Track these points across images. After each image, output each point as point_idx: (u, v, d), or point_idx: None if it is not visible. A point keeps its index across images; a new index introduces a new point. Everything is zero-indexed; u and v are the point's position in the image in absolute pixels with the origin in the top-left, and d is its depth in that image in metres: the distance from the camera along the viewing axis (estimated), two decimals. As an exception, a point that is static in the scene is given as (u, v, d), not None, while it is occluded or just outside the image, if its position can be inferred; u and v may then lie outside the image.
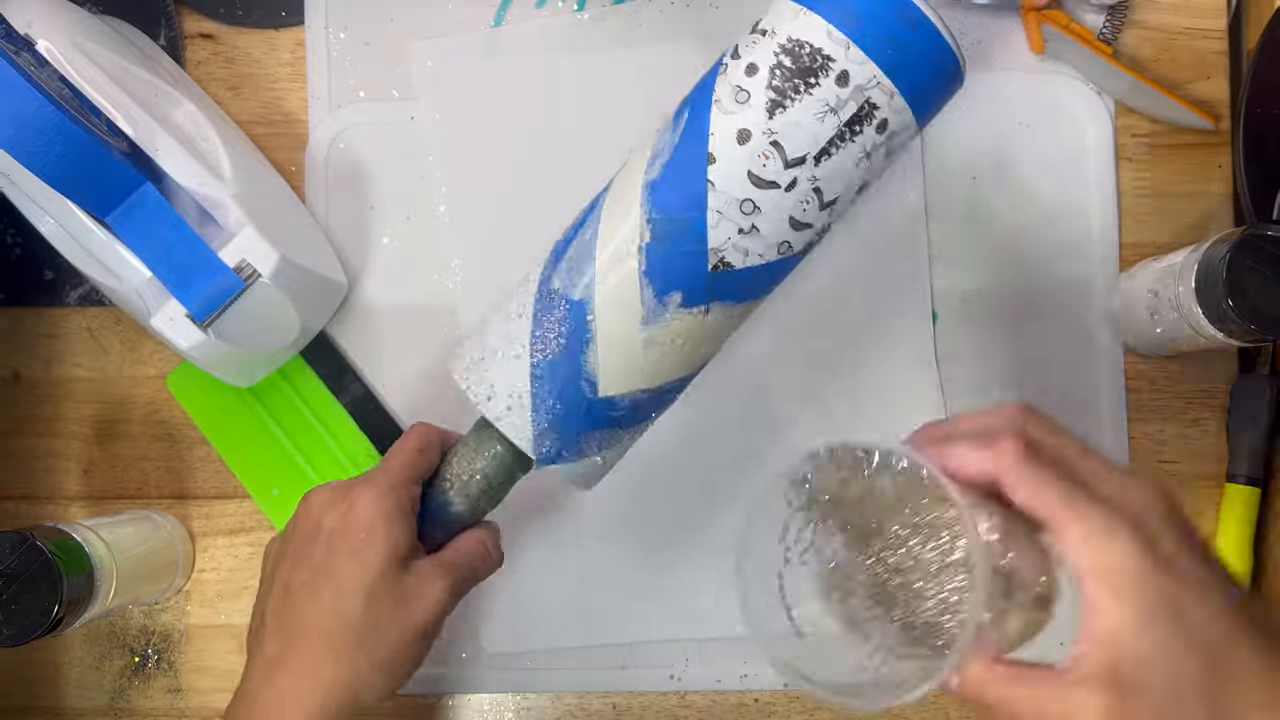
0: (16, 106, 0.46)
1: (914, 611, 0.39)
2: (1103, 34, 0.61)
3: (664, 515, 0.61)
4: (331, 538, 0.46)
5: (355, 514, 0.46)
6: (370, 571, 0.45)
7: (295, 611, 0.46)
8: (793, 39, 0.45)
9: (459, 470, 0.49)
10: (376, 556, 0.45)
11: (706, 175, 0.45)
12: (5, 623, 0.51)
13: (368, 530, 0.45)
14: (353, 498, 0.46)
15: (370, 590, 0.45)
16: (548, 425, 0.46)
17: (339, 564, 0.45)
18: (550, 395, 0.46)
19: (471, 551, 0.49)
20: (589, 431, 0.46)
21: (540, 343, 0.46)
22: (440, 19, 0.64)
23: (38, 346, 0.64)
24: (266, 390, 0.62)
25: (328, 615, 0.45)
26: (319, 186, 0.63)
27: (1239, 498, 0.60)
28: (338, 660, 0.45)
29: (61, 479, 0.64)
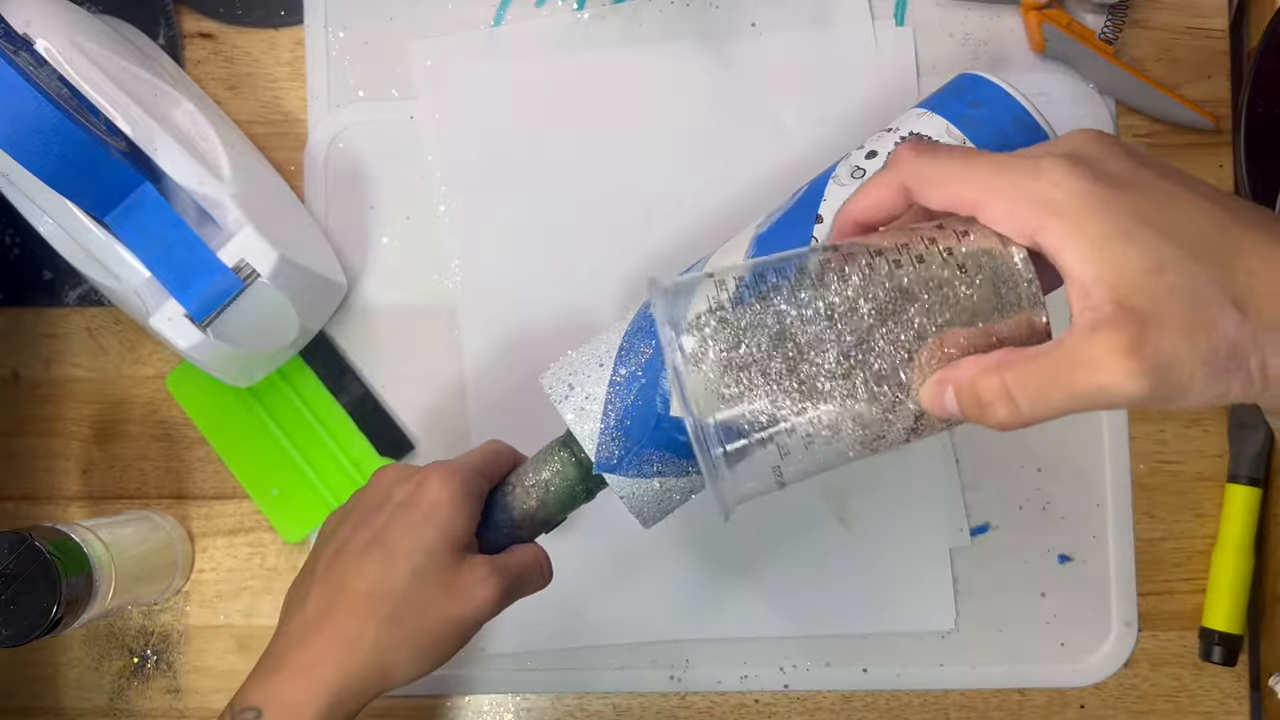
0: (15, 106, 0.46)
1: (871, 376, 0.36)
2: (1104, 33, 0.61)
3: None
4: (396, 509, 0.46)
5: (424, 491, 0.46)
6: (423, 547, 0.45)
7: (343, 572, 0.46)
8: (913, 132, 0.51)
9: (523, 480, 0.49)
10: (434, 534, 0.45)
11: (811, 230, 0.50)
12: (4, 623, 0.51)
13: (431, 507, 0.46)
14: (424, 475, 0.47)
15: (418, 567, 0.45)
16: (614, 429, 0.46)
17: (396, 533, 0.46)
18: (622, 403, 0.46)
19: (527, 563, 0.49)
20: (652, 448, 0.46)
21: (625, 355, 0.47)
22: (440, 18, 0.64)
23: (37, 346, 0.64)
24: (266, 390, 0.62)
25: (372, 580, 0.45)
26: (318, 186, 0.63)
27: (1240, 498, 0.60)
28: (375, 628, 0.44)
29: (60, 479, 0.64)
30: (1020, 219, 0.34)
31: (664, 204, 0.62)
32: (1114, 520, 0.61)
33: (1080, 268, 0.32)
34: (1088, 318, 0.32)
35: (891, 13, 0.62)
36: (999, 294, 0.35)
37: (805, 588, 0.61)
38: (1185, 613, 0.61)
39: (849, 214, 0.39)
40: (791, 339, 0.36)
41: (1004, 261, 0.35)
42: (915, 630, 0.61)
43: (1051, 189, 0.33)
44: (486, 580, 0.46)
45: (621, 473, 0.46)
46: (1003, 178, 0.34)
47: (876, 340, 0.35)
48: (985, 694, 0.61)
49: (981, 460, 0.61)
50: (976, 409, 0.34)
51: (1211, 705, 0.61)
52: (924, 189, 0.36)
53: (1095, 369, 0.32)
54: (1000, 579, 0.61)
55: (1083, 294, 0.32)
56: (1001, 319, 0.36)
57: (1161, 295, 0.31)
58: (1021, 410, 0.34)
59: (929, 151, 0.36)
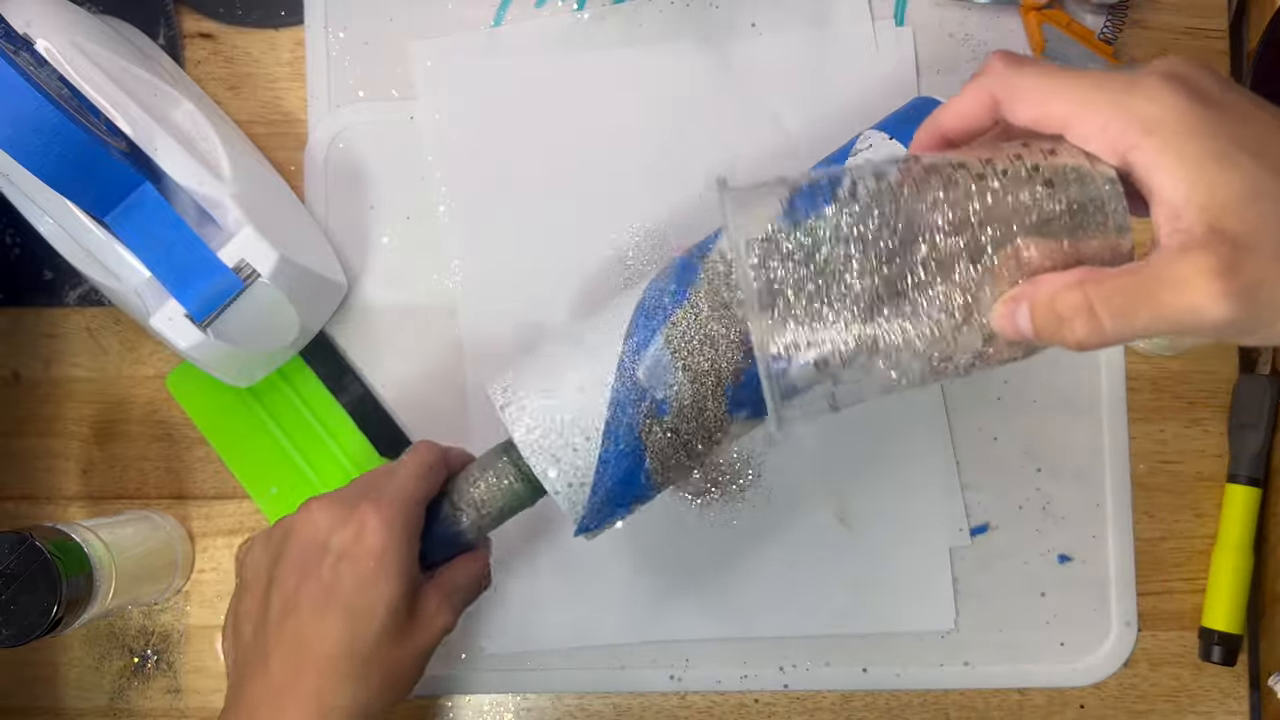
0: (15, 106, 0.46)
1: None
2: (1103, 34, 0.61)
3: (664, 516, 0.61)
4: (340, 561, 0.45)
5: (365, 540, 0.45)
6: (382, 604, 0.45)
7: (302, 633, 0.45)
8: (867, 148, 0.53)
9: (470, 495, 0.49)
10: (389, 589, 0.45)
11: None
12: (4, 623, 0.51)
13: (379, 559, 0.45)
14: (361, 519, 0.46)
15: (381, 627, 0.45)
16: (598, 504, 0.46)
17: (349, 591, 0.45)
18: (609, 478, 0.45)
19: (472, 575, 0.50)
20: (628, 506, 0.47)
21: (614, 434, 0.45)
22: (440, 19, 0.64)
23: (37, 346, 0.64)
24: (266, 390, 0.62)
25: (335, 641, 0.45)
26: (318, 186, 0.63)
27: (1240, 498, 0.60)
28: (350, 684, 0.45)
29: (61, 479, 0.64)
30: (1112, 136, 0.33)
31: (664, 203, 0.62)
32: (1114, 520, 0.61)
33: (1173, 188, 0.31)
34: (1177, 239, 0.31)
35: (891, 13, 0.62)
36: (1085, 214, 0.34)
37: (805, 588, 0.61)
38: (1185, 612, 0.61)
39: (934, 126, 0.37)
40: (862, 251, 0.34)
41: (1092, 181, 0.34)
42: (915, 630, 0.61)
43: (1147, 104, 0.32)
44: (441, 610, 0.48)
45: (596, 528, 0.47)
46: (1097, 93, 0.33)
47: (952, 255, 0.34)
48: (985, 694, 0.61)
49: (981, 460, 0.61)
50: (1054, 325, 0.33)
51: (1211, 705, 0.61)
52: (1013, 100, 0.35)
53: (1184, 289, 0.31)
54: (1000, 579, 0.61)
55: (1173, 215, 0.31)
56: (1085, 240, 0.34)
57: (1256, 221, 0.31)
58: (1104, 326, 0.32)
59: (1020, 63, 0.35)
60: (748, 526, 0.61)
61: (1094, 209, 0.34)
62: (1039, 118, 0.34)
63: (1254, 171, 0.31)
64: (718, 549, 0.61)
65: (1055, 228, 0.34)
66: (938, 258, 0.34)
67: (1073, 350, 0.33)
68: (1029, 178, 0.34)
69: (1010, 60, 0.35)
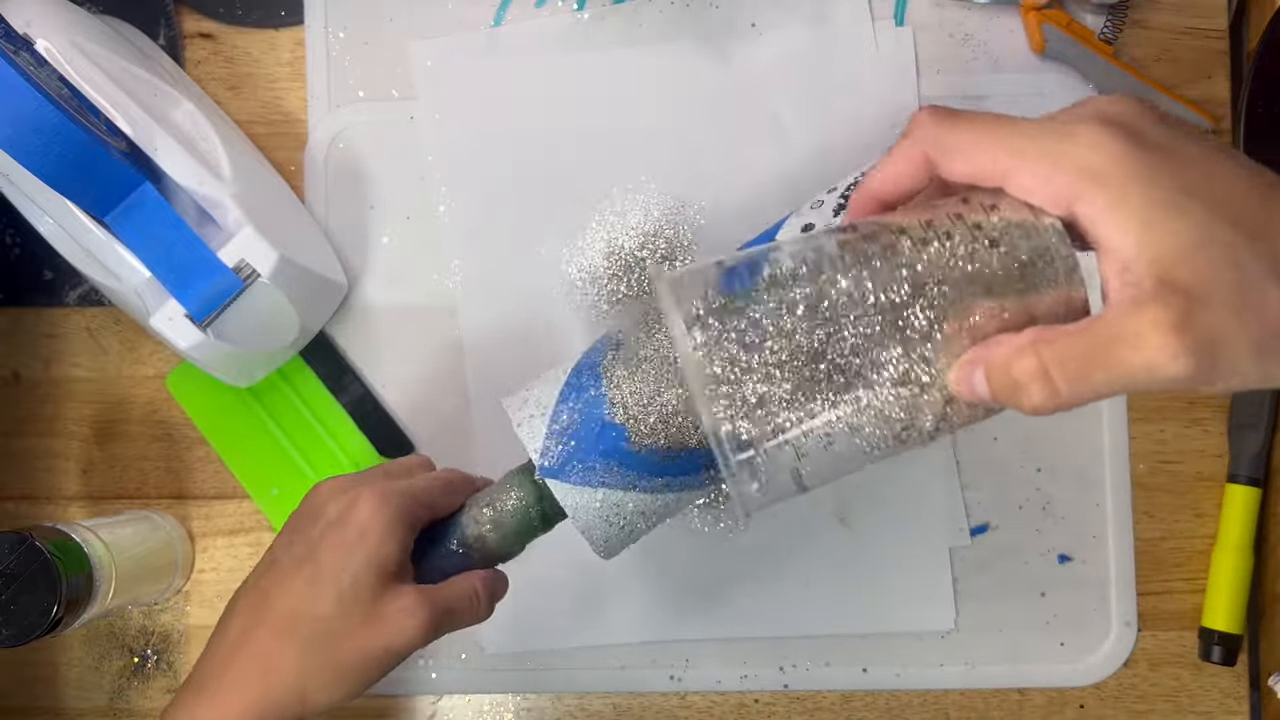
0: (15, 106, 0.46)
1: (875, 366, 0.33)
2: (1103, 34, 0.61)
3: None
4: (328, 527, 0.45)
5: (355, 511, 0.45)
6: (349, 572, 0.44)
7: (270, 588, 0.45)
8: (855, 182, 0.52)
9: (476, 507, 0.48)
10: (360, 559, 0.44)
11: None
12: (4, 623, 0.51)
13: (361, 531, 0.44)
14: (357, 494, 0.45)
15: (342, 592, 0.43)
16: (558, 434, 0.46)
17: (325, 553, 0.44)
18: (569, 412, 0.46)
19: (461, 596, 0.47)
20: (596, 456, 0.46)
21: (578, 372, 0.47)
22: (440, 19, 0.64)
23: (37, 346, 0.64)
24: (266, 390, 0.62)
25: (297, 599, 0.44)
26: (318, 186, 0.63)
27: (1239, 498, 0.60)
28: (295, 652, 0.43)
29: (61, 479, 0.64)
30: (1055, 187, 0.32)
31: (664, 203, 0.62)
32: (1114, 520, 0.61)
33: (1120, 239, 0.30)
34: (1128, 294, 0.30)
35: (891, 13, 0.62)
36: (1034, 269, 0.33)
37: (805, 588, 0.61)
38: (1185, 612, 0.61)
39: (866, 191, 0.37)
40: (809, 327, 0.33)
41: (1038, 234, 0.33)
42: (915, 630, 0.61)
43: (1089, 154, 0.31)
44: (412, 612, 0.44)
45: (564, 479, 0.46)
46: (1034, 143, 0.32)
47: (901, 324, 0.33)
48: (985, 694, 0.61)
49: (981, 460, 0.61)
50: (1010, 391, 0.32)
51: (1211, 705, 0.61)
52: (946, 157, 0.34)
53: (1139, 346, 0.30)
54: (1000, 579, 0.61)
55: (1121, 269, 0.31)
56: (1038, 295, 0.33)
57: (1208, 271, 0.30)
58: (1059, 391, 0.31)
59: (950, 117, 0.34)
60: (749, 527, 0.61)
61: (1043, 264, 0.33)
62: (976, 173, 0.33)
63: (1202, 218, 0.30)
64: (718, 549, 0.61)
65: (1005, 286, 0.33)
66: (885, 328, 0.33)
67: (1028, 414, 0.33)
68: (973, 237, 0.33)
69: (939, 116, 0.34)
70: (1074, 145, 0.32)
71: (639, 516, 0.47)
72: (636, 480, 0.46)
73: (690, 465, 0.46)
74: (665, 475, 0.46)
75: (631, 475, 0.46)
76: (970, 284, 0.33)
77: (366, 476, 0.48)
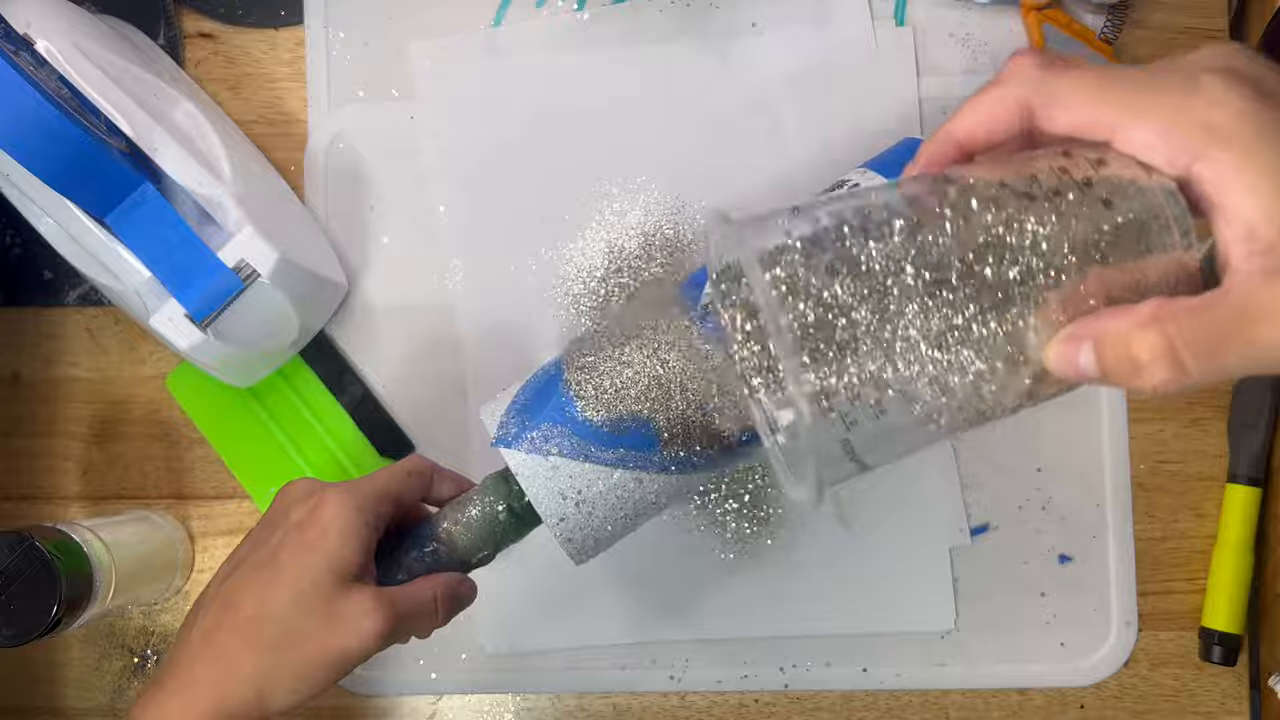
0: (16, 106, 0.46)
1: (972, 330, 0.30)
2: (1104, 33, 0.61)
3: (663, 516, 0.61)
4: (290, 529, 0.45)
5: (317, 513, 0.45)
6: (307, 574, 0.43)
7: (232, 591, 0.45)
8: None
9: (446, 511, 0.48)
10: (319, 561, 0.44)
11: None
12: (4, 623, 0.51)
13: (321, 532, 0.44)
14: (321, 496, 0.45)
15: (301, 593, 0.43)
16: (517, 410, 0.47)
17: (284, 555, 0.44)
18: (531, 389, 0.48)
19: (420, 600, 0.46)
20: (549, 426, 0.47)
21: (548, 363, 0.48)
22: (440, 19, 0.64)
23: (37, 346, 0.64)
24: (266, 390, 0.62)
25: (257, 601, 0.44)
26: (318, 186, 0.63)
27: (1240, 498, 0.60)
28: (254, 654, 0.43)
29: (60, 479, 0.64)
30: (1172, 145, 0.29)
31: (664, 203, 0.62)
32: (1114, 520, 0.61)
33: (1248, 204, 0.28)
34: (1256, 264, 0.28)
35: (891, 13, 0.62)
36: (1147, 232, 0.30)
37: (805, 587, 0.60)
38: (1185, 612, 0.61)
39: (947, 136, 0.33)
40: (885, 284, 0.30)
41: (1150, 194, 0.30)
42: (915, 630, 0.60)
43: (1211, 109, 0.28)
44: (370, 613, 0.43)
45: (517, 447, 0.46)
46: (1148, 96, 0.30)
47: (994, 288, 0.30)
48: (985, 694, 0.61)
49: (981, 460, 0.61)
50: (1127, 370, 0.29)
51: (1211, 705, 0.61)
52: (1049, 106, 0.31)
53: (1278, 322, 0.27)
54: (1000, 579, 0.61)
55: (1246, 235, 0.28)
56: (1148, 262, 0.30)
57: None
58: (1189, 371, 0.29)
59: (1055, 62, 0.31)
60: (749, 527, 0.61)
61: (1158, 226, 0.30)
62: (1081, 125, 0.31)
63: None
64: (718, 549, 0.61)
65: (1115, 251, 0.30)
66: (973, 292, 0.30)
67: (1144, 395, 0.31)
68: (1082, 195, 0.30)
69: (1043, 61, 0.31)
70: (1194, 99, 0.29)
71: (598, 498, 0.46)
72: (588, 449, 0.46)
73: (643, 439, 0.46)
74: (617, 446, 0.46)
75: (582, 443, 0.46)
76: (1077, 247, 0.30)
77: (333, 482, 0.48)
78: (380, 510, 0.46)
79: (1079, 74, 0.31)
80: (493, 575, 0.61)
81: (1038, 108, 0.32)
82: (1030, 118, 0.32)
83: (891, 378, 0.31)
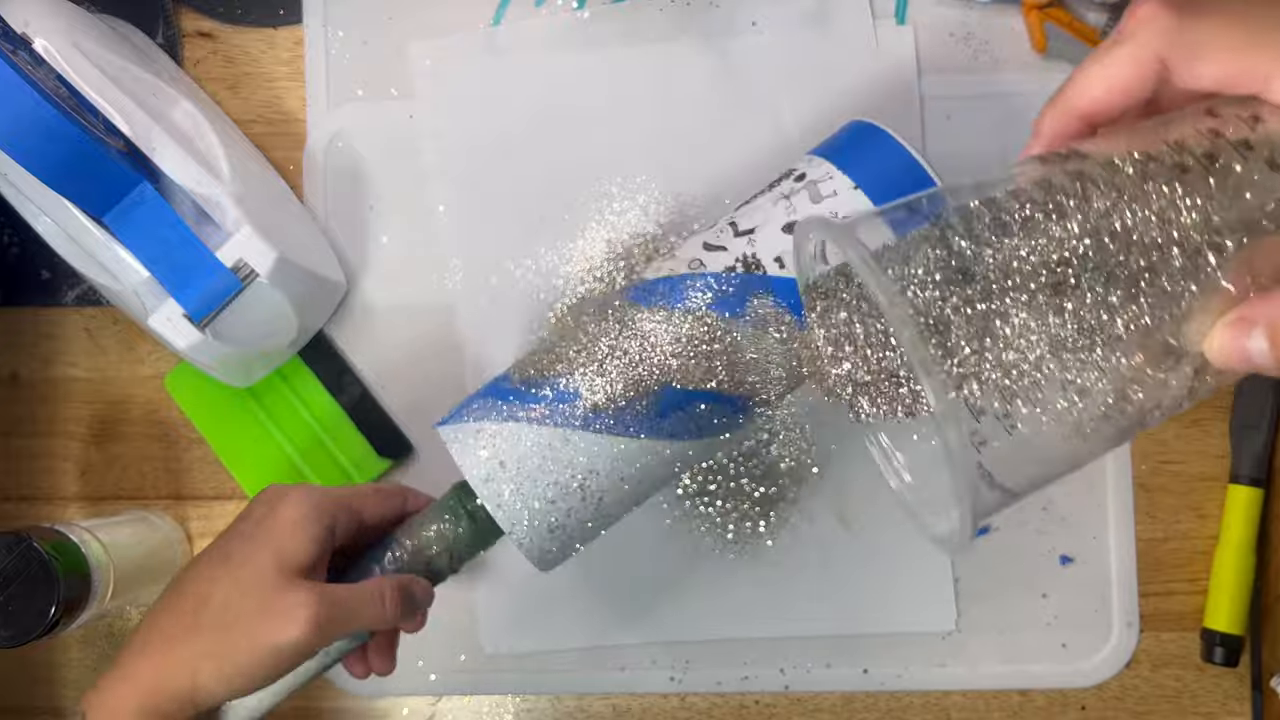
0: (14, 105, 0.46)
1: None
2: (1106, 32, 0.61)
3: (664, 516, 0.61)
4: (248, 523, 0.46)
5: (276, 508, 0.45)
6: (250, 563, 0.43)
7: (184, 577, 0.45)
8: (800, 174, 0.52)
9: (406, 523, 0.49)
10: (264, 552, 0.44)
11: None
12: (3, 624, 0.51)
13: (274, 524, 0.45)
14: (284, 493, 0.46)
15: (240, 579, 0.43)
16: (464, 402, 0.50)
17: (234, 545, 0.45)
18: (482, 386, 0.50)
19: (363, 595, 0.44)
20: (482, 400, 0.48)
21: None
22: (440, 18, 0.63)
23: (35, 346, 0.64)
24: (264, 390, 0.62)
25: (202, 586, 0.44)
26: (318, 186, 0.63)
27: (1242, 499, 0.60)
28: (188, 635, 0.43)
29: (59, 479, 0.64)
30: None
31: (664, 203, 0.62)
32: (1115, 521, 0.61)
33: None
34: None
35: (892, 12, 0.62)
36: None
37: (805, 588, 0.60)
38: (1187, 613, 0.61)
39: (1067, 107, 0.29)
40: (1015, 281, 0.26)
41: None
42: (916, 631, 0.60)
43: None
44: (305, 604, 0.42)
45: (450, 422, 0.48)
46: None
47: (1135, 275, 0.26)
48: (986, 695, 0.61)
49: (982, 461, 0.61)
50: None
51: (1213, 706, 0.60)
52: (1188, 60, 0.27)
53: None
54: (1001, 580, 0.60)
55: None
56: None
57: None
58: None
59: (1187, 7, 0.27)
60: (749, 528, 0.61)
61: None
62: (1227, 78, 0.27)
63: None
64: (718, 550, 0.61)
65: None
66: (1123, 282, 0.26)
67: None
68: (1243, 159, 0.26)
69: (1173, 7, 0.27)
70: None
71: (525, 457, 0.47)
72: (513, 410, 0.47)
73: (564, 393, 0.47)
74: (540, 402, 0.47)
75: (508, 406, 0.47)
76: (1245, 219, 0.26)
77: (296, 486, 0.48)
78: (338, 515, 0.46)
79: (1217, 18, 0.27)
80: (493, 575, 0.61)
81: (1177, 63, 0.28)
82: (1166, 76, 0.28)
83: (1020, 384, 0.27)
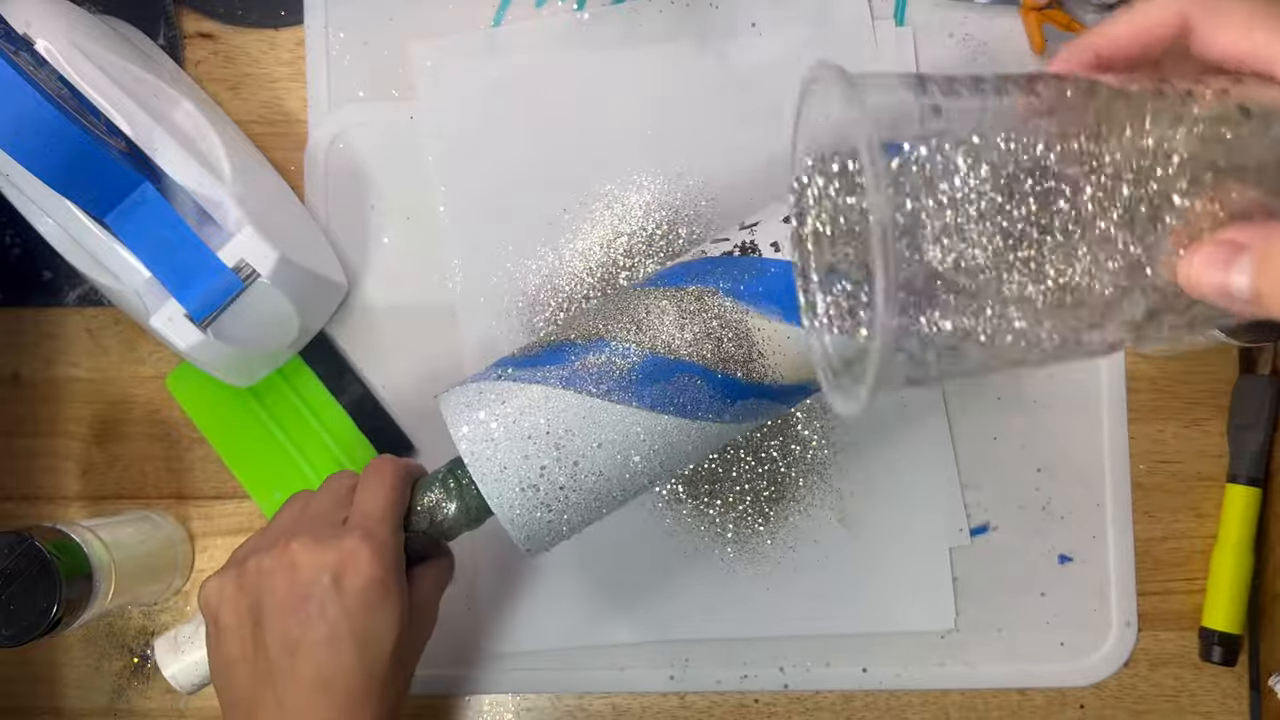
0: (15, 106, 0.46)
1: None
2: (1103, 34, 0.61)
3: (663, 515, 0.61)
4: (341, 597, 0.45)
5: (361, 572, 0.45)
6: (392, 631, 0.46)
7: (320, 671, 0.45)
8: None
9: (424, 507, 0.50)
10: (394, 614, 0.46)
11: None
12: (4, 623, 0.51)
13: (383, 588, 0.46)
14: (350, 554, 0.46)
15: (394, 645, 0.46)
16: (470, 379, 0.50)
17: (359, 623, 0.45)
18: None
19: (442, 582, 0.51)
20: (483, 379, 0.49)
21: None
22: (440, 19, 0.64)
23: (37, 346, 0.64)
24: (266, 390, 0.62)
25: (354, 673, 0.45)
26: (318, 186, 0.63)
27: (1240, 498, 0.60)
28: (369, 707, 0.45)
29: (60, 479, 0.64)
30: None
31: (664, 203, 0.62)
32: (1114, 520, 0.61)
33: None
34: None
35: (891, 13, 0.62)
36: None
37: (805, 587, 0.60)
38: (1185, 613, 0.61)
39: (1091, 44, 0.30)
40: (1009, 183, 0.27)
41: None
42: (915, 630, 0.61)
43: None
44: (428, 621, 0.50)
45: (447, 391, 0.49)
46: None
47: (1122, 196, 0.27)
48: (985, 694, 0.61)
49: (981, 460, 0.61)
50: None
51: (1211, 705, 0.61)
52: (1214, 27, 0.28)
53: None
54: (1000, 579, 0.61)
55: None
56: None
57: None
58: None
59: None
60: (749, 527, 0.61)
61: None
62: (1243, 53, 0.28)
63: None
64: (718, 549, 0.61)
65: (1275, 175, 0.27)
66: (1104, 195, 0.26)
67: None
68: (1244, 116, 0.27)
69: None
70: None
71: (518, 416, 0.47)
72: (503, 370, 0.49)
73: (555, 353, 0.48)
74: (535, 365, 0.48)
75: (499, 369, 0.49)
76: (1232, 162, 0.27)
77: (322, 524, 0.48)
78: (399, 538, 0.48)
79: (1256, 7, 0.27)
80: (493, 575, 0.61)
81: (1199, 25, 0.28)
82: (1185, 36, 0.28)
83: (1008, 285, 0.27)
